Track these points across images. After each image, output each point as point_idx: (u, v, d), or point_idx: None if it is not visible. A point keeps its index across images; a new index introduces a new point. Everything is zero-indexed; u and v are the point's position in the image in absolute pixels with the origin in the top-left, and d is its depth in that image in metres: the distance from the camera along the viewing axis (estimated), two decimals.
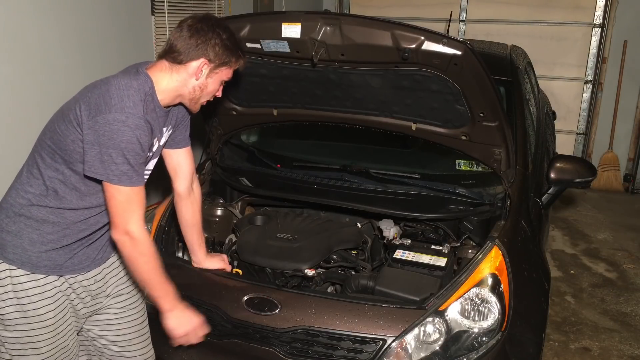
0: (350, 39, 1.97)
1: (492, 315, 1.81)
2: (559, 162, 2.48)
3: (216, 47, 1.63)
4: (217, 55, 1.64)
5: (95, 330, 1.85)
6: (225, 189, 2.65)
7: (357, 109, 2.32)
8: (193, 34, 1.62)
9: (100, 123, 1.49)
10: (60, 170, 1.59)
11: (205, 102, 1.78)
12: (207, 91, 1.71)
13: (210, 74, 1.67)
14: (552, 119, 4.29)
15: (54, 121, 1.61)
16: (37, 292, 1.62)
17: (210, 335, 1.91)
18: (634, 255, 4.22)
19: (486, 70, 1.93)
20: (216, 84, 1.72)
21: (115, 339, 1.87)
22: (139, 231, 1.58)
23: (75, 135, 1.54)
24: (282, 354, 1.82)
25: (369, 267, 2.24)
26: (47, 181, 1.60)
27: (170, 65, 1.64)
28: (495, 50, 3.38)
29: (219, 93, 1.78)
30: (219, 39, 1.64)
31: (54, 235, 1.63)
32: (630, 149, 5.79)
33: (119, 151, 1.50)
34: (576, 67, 5.76)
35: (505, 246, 1.92)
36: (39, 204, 1.61)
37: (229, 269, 2.15)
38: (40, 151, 1.62)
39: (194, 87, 1.67)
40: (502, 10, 5.84)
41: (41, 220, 1.62)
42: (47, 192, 1.60)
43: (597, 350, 2.99)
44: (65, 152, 1.57)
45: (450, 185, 2.38)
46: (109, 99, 1.51)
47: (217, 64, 1.66)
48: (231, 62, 1.69)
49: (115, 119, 1.49)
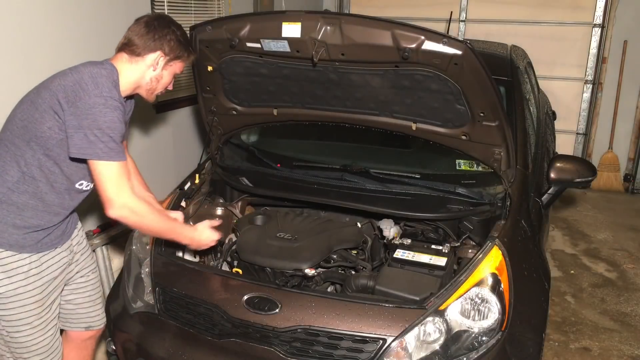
0: (351, 39, 1.97)
1: (492, 314, 1.81)
2: (559, 162, 2.48)
3: (171, 42, 1.82)
4: (172, 49, 1.83)
5: (64, 295, 2.03)
6: (225, 188, 2.65)
7: (358, 109, 2.32)
8: (150, 30, 1.80)
9: (81, 108, 1.63)
10: (36, 156, 1.71)
11: (160, 93, 1.95)
12: (162, 82, 1.89)
13: (166, 66, 1.86)
14: (552, 119, 4.29)
15: (25, 111, 1.72)
16: (25, 269, 1.77)
17: (210, 335, 1.92)
18: (634, 255, 4.22)
19: (486, 70, 1.93)
20: (170, 76, 1.90)
21: (82, 301, 2.07)
22: (133, 200, 1.73)
23: (52, 123, 1.66)
24: (282, 354, 1.82)
25: (369, 267, 2.24)
26: (24, 167, 1.72)
27: (129, 58, 1.82)
28: (495, 50, 3.38)
29: (171, 86, 1.96)
30: (174, 35, 1.83)
31: (35, 220, 1.77)
32: (630, 149, 5.79)
33: (102, 131, 1.63)
34: (576, 67, 5.75)
35: (505, 246, 1.92)
36: (18, 191, 1.73)
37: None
38: (13, 139, 1.72)
39: (151, 78, 1.85)
40: (502, 10, 5.84)
41: (22, 206, 1.75)
42: (24, 178, 1.73)
43: (597, 350, 2.99)
44: (41, 138, 1.68)
45: (450, 185, 2.38)
46: (85, 85, 1.65)
47: (172, 57, 1.85)
48: (184, 57, 1.89)
49: (95, 102, 1.63)
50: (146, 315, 2.09)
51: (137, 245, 2.26)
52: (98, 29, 3.03)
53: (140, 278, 2.18)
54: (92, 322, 2.13)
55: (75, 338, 2.15)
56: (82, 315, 2.10)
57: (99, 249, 3.03)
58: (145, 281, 2.15)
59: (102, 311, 2.17)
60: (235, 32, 2.14)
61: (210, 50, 2.27)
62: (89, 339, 2.18)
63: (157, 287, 2.08)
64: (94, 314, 2.13)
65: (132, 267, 2.23)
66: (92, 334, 2.17)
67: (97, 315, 2.15)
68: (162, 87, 1.92)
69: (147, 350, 2.03)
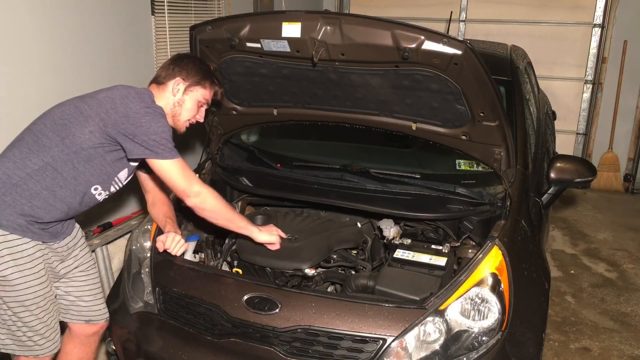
0: (351, 39, 1.97)
1: (492, 314, 1.81)
2: (559, 162, 2.48)
3: (189, 69, 2.01)
4: (190, 74, 2.01)
5: (63, 288, 2.08)
6: (225, 188, 2.65)
7: (358, 109, 2.32)
8: (172, 62, 2.03)
9: (133, 117, 1.80)
10: (66, 151, 1.82)
11: (188, 124, 2.08)
12: (185, 108, 2.02)
13: (186, 91, 2.01)
14: (552, 119, 4.29)
15: (66, 112, 1.85)
16: (30, 252, 1.84)
17: (210, 335, 1.92)
18: (634, 255, 4.22)
19: (486, 70, 1.93)
20: (192, 102, 2.03)
21: (82, 294, 2.11)
22: (204, 188, 1.94)
23: (95, 128, 1.82)
24: (282, 354, 1.82)
25: (369, 267, 2.24)
26: (49, 159, 1.82)
27: (157, 87, 2.02)
28: (495, 50, 3.38)
29: (200, 117, 2.09)
30: (192, 64, 2.03)
31: (41, 211, 1.84)
32: (630, 149, 5.79)
33: (159, 135, 1.82)
34: (576, 67, 5.75)
35: (505, 246, 1.92)
36: (36, 178, 1.82)
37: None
38: (47, 132, 1.83)
39: (173, 103, 2.01)
40: (502, 10, 5.83)
41: (34, 194, 1.82)
42: (45, 168, 1.82)
43: (597, 350, 2.99)
44: (79, 138, 1.82)
45: (450, 184, 2.38)
46: (132, 99, 1.84)
47: (191, 83, 2.01)
48: (205, 83, 2.03)
49: (146, 112, 1.82)
50: (146, 315, 2.09)
51: (137, 245, 2.26)
52: (98, 29, 3.03)
53: (140, 278, 2.18)
54: (92, 316, 2.15)
55: (78, 334, 2.16)
56: (83, 308, 2.12)
57: (99, 249, 3.03)
58: (145, 281, 2.15)
59: (103, 306, 2.18)
60: (235, 32, 2.14)
61: (210, 50, 2.27)
62: (92, 335, 2.19)
63: (157, 287, 2.08)
64: (95, 307, 2.15)
65: (132, 267, 2.23)
66: (95, 329, 2.18)
67: (98, 309, 2.16)
68: (187, 113, 2.03)
69: (147, 350, 2.03)
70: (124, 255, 2.32)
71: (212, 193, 1.96)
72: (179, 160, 1.88)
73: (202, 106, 2.07)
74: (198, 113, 2.07)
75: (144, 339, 2.06)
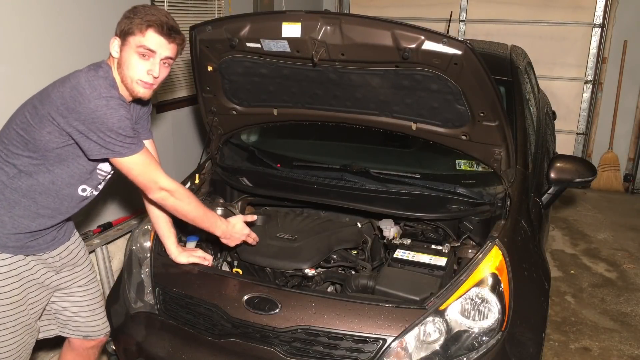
0: (351, 39, 1.97)
1: (492, 314, 1.80)
2: (559, 162, 2.48)
3: (120, 23, 1.76)
4: (119, 26, 1.75)
5: (59, 303, 2.01)
6: (225, 188, 2.65)
7: (357, 109, 2.32)
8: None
9: (84, 113, 1.62)
10: (34, 156, 1.71)
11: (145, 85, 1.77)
12: (128, 65, 1.73)
13: (122, 48, 1.74)
14: (552, 119, 4.29)
15: (26, 114, 1.71)
16: (3, 270, 1.72)
17: (210, 335, 1.92)
18: (634, 255, 4.22)
19: (486, 70, 1.93)
20: (130, 55, 1.73)
21: (79, 310, 2.03)
22: (170, 183, 1.81)
23: (52, 128, 1.66)
24: (282, 354, 1.82)
25: (369, 267, 2.24)
26: (20, 166, 1.72)
27: (111, 57, 1.79)
28: (495, 50, 3.38)
29: (153, 70, 1.74)
30: (124, 17, 1.76)
31: (25, 220, 1.75)
32: (630, 149, 5.79)
33: (114, 131, 1.65)
34: (576, 67, 5.76)
35: (505, 246, 1.92)
36: (12, 186, 1.73)
37: (205, 262, 2.12)
38: (12, 139, 1.72)
39: (117, 67, 1.76)
40: (502, 10, 5.84)
41: (13, 203, 1.73)
42: (20, 174, 1.72)
43: (597, 350, 2.99)
44: (40, 141, 1.68)
45: (450, 185, 2.38)
46: (82, 90, 1.63)
47: (122, 35, 1.73)
48: (133, 28, 1.71)
49: (97, 105, 1.62)
50: (146, 315, 2.09)
51: (137, 245, 2.26)
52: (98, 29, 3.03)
53: (140, 278, 2.18)
54: (90, 332, 2.08)
55: (77, 346, 2.11)
56: (81, 324, 2.06)
57: (99, 249, 3.03)
58: (145, 281, 2.15)
59: (102, 321, 2.12)
60: (235, 32, 2.14)
61: (210, 50, 2.27)
62: (91, 348, 2.13)
63: (157, 287, 2.08)
64: (92, 323, 2.08)
65: (132, 267, 2.23)
66: (93, 343, 2.12)
67: (97, 325, 2.10)
68: (132, 72, 1.73)
69: (147, 350, 2.03)
70: (124, 255, 2.32)
71: (178, 187, 1.83)
72: (140, 154, 1.73)
73: (145, 56, 1.72)
74: (147, 67, 1.73)
75: (144, 339, 2.06)
